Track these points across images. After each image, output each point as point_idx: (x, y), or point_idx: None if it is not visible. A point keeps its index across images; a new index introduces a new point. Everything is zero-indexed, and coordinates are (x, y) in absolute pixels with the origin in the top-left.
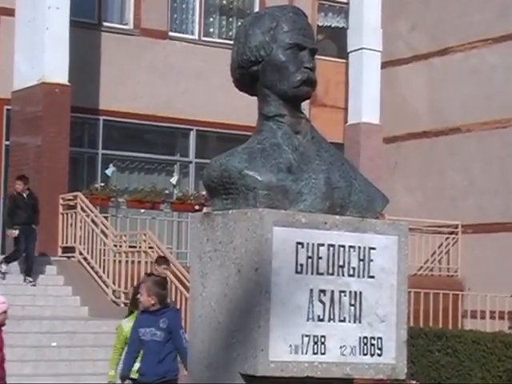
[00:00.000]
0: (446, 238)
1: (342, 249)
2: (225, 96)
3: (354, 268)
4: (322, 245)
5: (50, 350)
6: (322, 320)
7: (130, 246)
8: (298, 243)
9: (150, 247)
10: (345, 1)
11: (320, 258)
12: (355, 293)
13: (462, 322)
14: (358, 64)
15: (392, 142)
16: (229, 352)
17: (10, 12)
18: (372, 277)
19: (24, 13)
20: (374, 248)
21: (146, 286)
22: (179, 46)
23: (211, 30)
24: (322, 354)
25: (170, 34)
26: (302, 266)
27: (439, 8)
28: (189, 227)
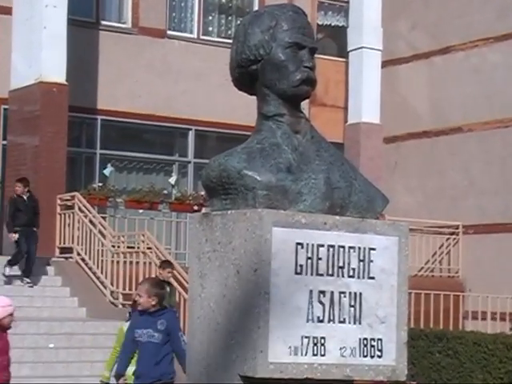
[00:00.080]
0: (447, 239)
1: (341, 249)
2: (224, 95)
3: (353, 269)
4: (322, 245)
5: (47, 351)
6: (322, 321)
7: (128, 247)
8: (298, 244)
9: (149, 248)
10: None
11: (320, 258)
12: (355, 294)
13: (463, 323)
14: (358, 63)
15: (392, 142)
16: (228, 353)
17: (7, 10)
18: (372, 278)
19: (21, 11)
20: (374, 249)
21: (146, 288)
22: (178, 45)
23: (210, 28)
24: (322, 355)
25: (169, 32)
26: (301, 266)
27: (440, 7)
28: (187, 228)
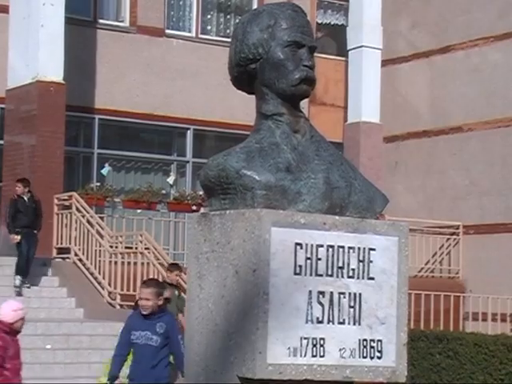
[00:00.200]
0: (447, 239)
1: (341, 250)
2: (223, 95)
3: (353, 269)
4: (321, 246)
5: (44, 352)
6: (321, 322)
7: (126, 247)
8: (297, 244)
9: (147, 248)
10: None
11: (319, 259)
12: (355, 294)
13: (464, 324)
14: (358, 62)
15: (392, 142)
16: (226, 354)
17: (4, 9)
18: (372, 278)
19: (18, 10)
20: (373, 249)
21: (155, 291)
22: (176, 44)
23: (209, 27)
24: (321, 356)
25: (167, 31)
26: (300, 267)
27: (440, 5)
28: (186, 228)
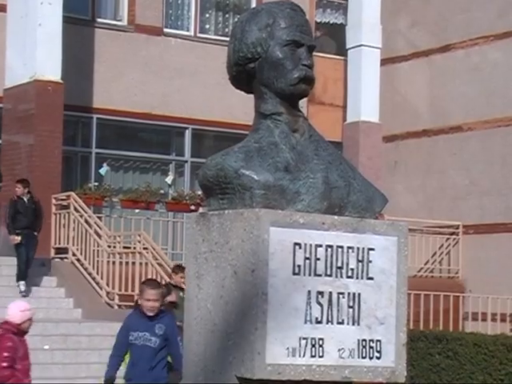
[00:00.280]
0: (447, 239)
1: (340, 250)
2: (221, 94)
3: (352, 269)
4: (320, 245)
5: (42, 353)
6: (320, 322)
7: (124, 247)
8: (296, 244)
9: (145, 248)
10: None
11: (318, 259)
12: (354, 294)
13: (463, 324)
14: (357, 61)
15: (391, 141)
16: (225, 355)
17: (2, 8)
18: (371, 278)
19: (16, 8)
20: (372, 249)
21: (161, 291)
22: (174, 43)
23: (207, 26)
24: (320, 356)
25: (165, 30)
26: (299, 267)
27: (440, 4)
28: (184, 228)
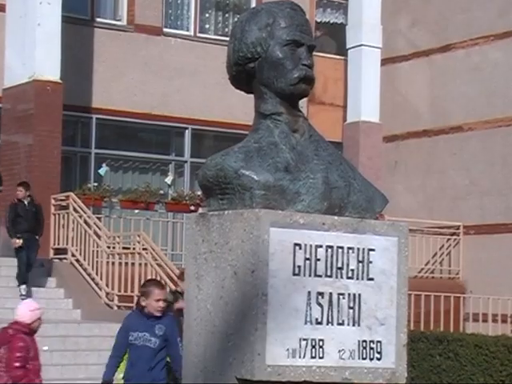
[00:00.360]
0: (448, 240)
1: (340, 250)
2: (221, 94)
3: (352, 270)
4: (320, 246)
5: (41, 354)
6: (320, 323)
7: (123, 248)
8: (296, 244)
9: (144, 248)
10: None
11: (318, 259)
12: (354, 295)
13: (464, 325)
14: (358, 61)
15: (392, 141)
16: (225, 356)
17: (1, 7)
18: (371, 279)
19: (15, 8)
20: (373, 249)
21: (165, 292)
22: (174, 43)
23: (207, 26)
24: (320, 358)
25: (165, 30)
26: (299, 267)
27: (440, 4)
28: (184, 228)
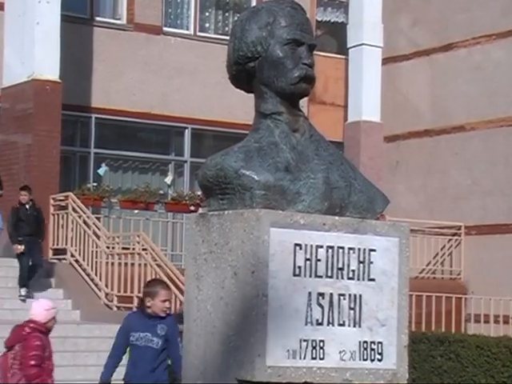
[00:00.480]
0: (449, 240)
1: (341, 251)
2: (221, 93)
3: (353, 270)
4: (321, 246)
5: None
6: (321, 324)
7: (123, 248)
8: (296, 245)
9: (144, 249)
10: None
11: (318, 260)
12: (355, 296)
13: (466, 326)
14: (358, 60)
15: (393, 141)
16: (225, 357)
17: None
18: (372, 279)
19: (14, 7)
20: (374, 250)
21: (170, 292)
22: (174, 42)
23: (207, 25)
24: (321, 359)
25: (165, 29)
26: (299, 268)
27: (441, 3)
28: (184, 228)
